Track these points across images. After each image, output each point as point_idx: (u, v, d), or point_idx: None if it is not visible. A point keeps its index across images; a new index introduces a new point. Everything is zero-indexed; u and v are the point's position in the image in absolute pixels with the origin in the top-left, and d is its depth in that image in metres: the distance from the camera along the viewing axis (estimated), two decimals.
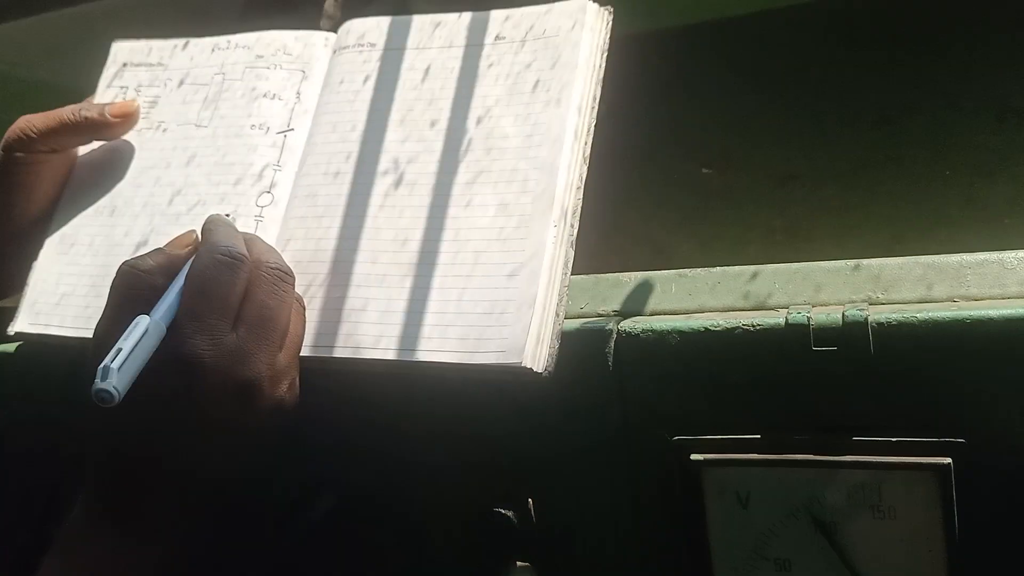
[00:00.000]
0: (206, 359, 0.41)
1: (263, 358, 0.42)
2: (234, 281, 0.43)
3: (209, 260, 0.43)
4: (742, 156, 0.59)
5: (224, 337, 0.41)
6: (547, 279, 0.43)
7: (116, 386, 0.38)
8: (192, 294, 0.42)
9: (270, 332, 0.43)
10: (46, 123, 0.54)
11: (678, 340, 0.42)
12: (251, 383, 0.41)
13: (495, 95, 0.49)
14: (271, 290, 0.43)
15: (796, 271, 0.44)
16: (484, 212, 0.46)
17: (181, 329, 0.41)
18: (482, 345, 0.43)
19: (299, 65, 0.55)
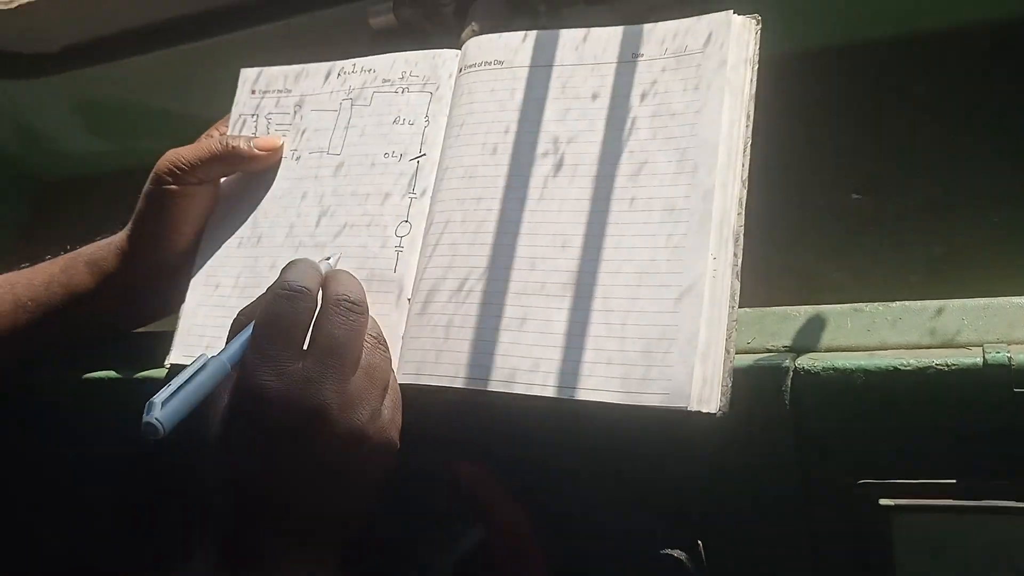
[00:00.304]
0: (271, 389, 0.41)
1: (331, 384, 0.41)
2: (296, 312, 0.43)
3: (272, 295, 0.44)
4: (894, 181, 0.56)
5: (289, 367, 0.41)
6: (711, 312, 0.41)
7: (160, 419, 0.38)
8: (258, 329, 0.43)
9: (338, 360, 0.42)
10: (195, 155, 0.55)
11: (863, 379, 0.39)
12: (319, 410, 0.41)
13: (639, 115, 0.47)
14: (338, 320, 0.43)
15: (986, 307, 0.41)
16: (649, 216, 0.44)
17: (247, 364, 0.42)
18: (645, 386, 0.41)
19: (427, 87, 0.55)
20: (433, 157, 0.52)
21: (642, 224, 0.44)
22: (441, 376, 0.46)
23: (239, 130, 0.60)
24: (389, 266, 0.51)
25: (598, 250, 0.45)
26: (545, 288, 0.45)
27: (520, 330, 0.45)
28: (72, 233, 1.01)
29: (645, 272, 0.43)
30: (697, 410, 0.39)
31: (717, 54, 0.46)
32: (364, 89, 0.56)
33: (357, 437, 0.42)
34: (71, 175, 1.05)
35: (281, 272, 0.46)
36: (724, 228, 0.43)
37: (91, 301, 0.58)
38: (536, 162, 0.48)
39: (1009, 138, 0.53)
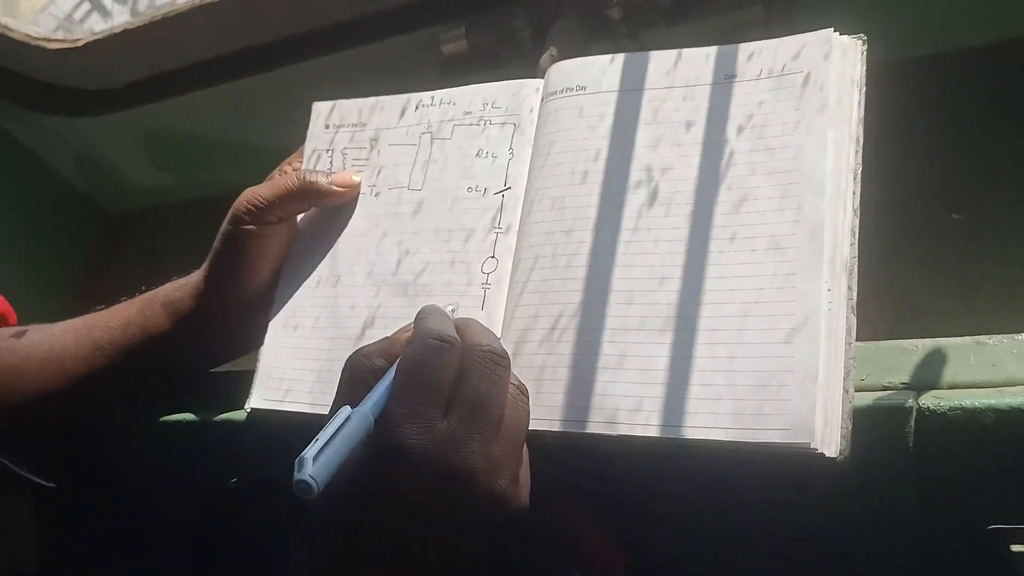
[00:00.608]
0: (416, 447, 0.39)
1: (477, 447, 0.40)
2: (445, 365, 0.41)
3: (419, 345, 0.42)
4: (994, 199, 0.54)
5: (435, 424, 0.40)
6: (829, 347, 0.39)
7: (314, 476, 0.37)
8: (402, 381, 0.41)
9: (484, 418, 0.40)
10: (273, 193, 0.55)
11: (994, 419, 0.37)
12: (464, 473, 0.39)
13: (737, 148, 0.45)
14: (484, 374, 0.41)
15: None
16: (752, 254, 0.42)
17: (390, 417, 0.40)
18: (761, 421, 0.39)
19: (510, 118, 0.54)
20: (518, 191, 0.51)
21: (746, 258, 0.43)
22: (539, 420, 0.44)
23: (314, 165, 0.59)
24: (476, 304, 0.50)
25: (699, 284, 0.43)
26: (644, 324, 0.44)
27: (619, 368, 0.43)
28: (138, 264, 1.03)
29: (752, 303, 0.42)
30: (820, 451, 0.38)
31: (821, 79, 0.44)
32: (444, 122, 0.56)
33: (497, 504, 0.40)
34: (136, 208, 1.07)
35: (418, 320, 0.45)
36: (837, 260, 0.41)
37: (168, 343, 0.57)
38: (629, 191, 0.47)
39: None
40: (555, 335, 0.46)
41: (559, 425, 0.44)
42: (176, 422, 0.58)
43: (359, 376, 0.43)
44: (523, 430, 0.42)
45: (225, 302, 0.56)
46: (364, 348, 0.44)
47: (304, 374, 0.53)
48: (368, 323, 0.53)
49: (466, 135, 0.55)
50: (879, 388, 0.41)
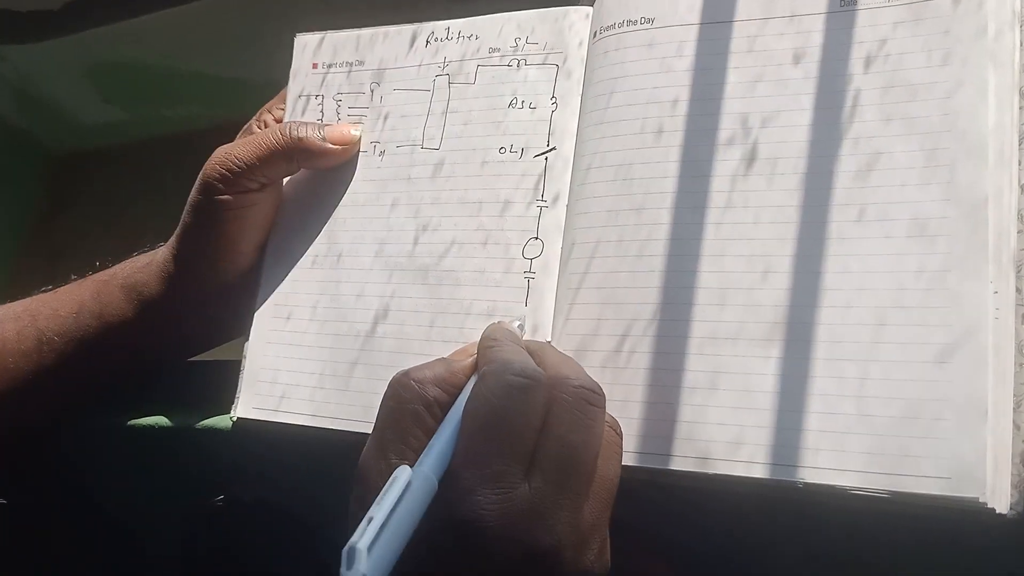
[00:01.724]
0: (490, 520, 0.30)
1: (566, 517, 0.31)
2: (530, 411, 0.31)
3: (496, 384, 0.32)
4: None
5: (515, 490, 0.30)
6: (997, 369, 0.31)
7: (368, 574, 0.27)
8: (474, 431, 0.31)
9: (575, 479, 0.31)
10: (251, 153, 0.44)
11: None
12: (550, 551, 0.30)
13: (863, 88, 0.35)
14: (576, 420, 0.32)
15: None
16: (888, 240, 0.33)
17: (458, 479, 0.31)
18: (907, 465, 0.31)
19: (552, 56, 0.43)
20: (565, 152, 0.41)
21: (879, 246, 0.33)
22: None
23: (301, 115, 0.48)
24: (518, 298, 0.40)
25: (817, 278, 0.34)
26: (743, 332, 0.34)
27: (712, 388, 0.34)
28: (93, 212, 0.91)
29: (890, 308, 0.32)
30: (992, 505, 0.29)
31: (972, 6, 0.34)
32: (465, 61, 0.45)
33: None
34: (86, 148, 0.94)
35: (486, 345, 0.35)
36: (1003, 252, 0.32)
37: (130, 333, 0.47)
38: (719, 153, 0.37)
39: None
40: (627, 347, 0.36)
41: (635, 459, 0.35)
42: (147, 427, 0.49)
43: (410, 409, 0.33)
44: (615, 483, 0.33)
45: (200, 286, 0.46)
46: (414, 371, 0.34)
47: (302, 377, 0.44)
48: (380, 315, 0.43)
49: (494, 78, 0.44)
50: None
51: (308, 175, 0.47)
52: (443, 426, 0.32)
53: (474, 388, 0.32)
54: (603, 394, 0.33)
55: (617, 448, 0.34)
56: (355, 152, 0.46)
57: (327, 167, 0.46)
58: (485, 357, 0.34)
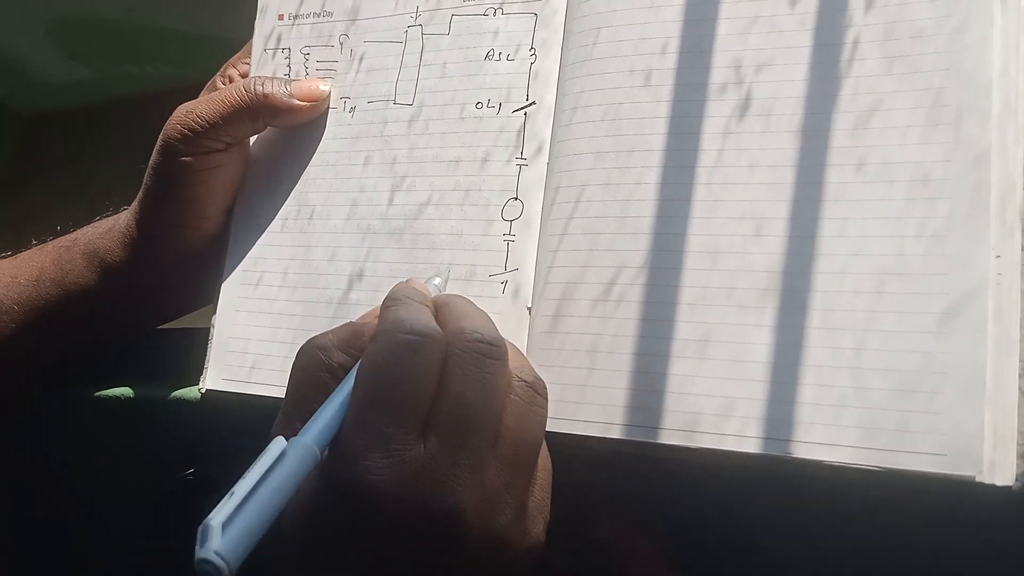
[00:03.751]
0: (383, 485, 0.28)
1: (466, 477, 0.29)
2: (420, 369, 0.30)
3: (385, 343, 0.30)
4: None
5: (408, 452, 0.29)
6: (999, 336, 0.29)
7: (222, 555, 0.25)
8: (363, 394, 0.30)
9: (472, 437, 0.29)
10: (214, 111, 0.42)
11: None
12: (451, 513, 0.29)
13: (863, 34, 0.33)
14: (470, 374, 0.30)
15: None
16: (889, 194, 0.31)
17: (348, 445, 0.29)
18: (904, 442, 0.29)
19: (530, 4, 0.40)
20: (548, 104, 0.39)
21: (879, 201, 0.31)
22: (587, 422, 0.34)
23: (267, 70, 0.45)
24: (497, 262, 0.38)
25: (812, 240, 0.32)
26: (734, 296, 0.33)
27: (701, 357, 0.33)
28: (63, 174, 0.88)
29: (889, 274, 0.31)
30: (989, 482, 0.28)
31: None
32: (438, 10, 0.42)
33: (496, 547, 0.30)
34: (53, 108, 0.91)
35: (385, 306, 0.33)
36: (1008, 211, 0.30)
37: (93, 301, 0.45)
38: (711, 98, 0.35)
39: None
40: (610, 304, 0.34)
41: (618, 431, 0.33)
42: (114, 399, 0.47)
43: (313, 377, 0.32)
44: (535, 442, 0.31)
45: (164, 253, 0.44)
46: (321, 337, 0.33)
47: (272, 347, 0.42)
48: (354, 280, 0.41)
49: (470, 28, 0.41)
50: None
51: (276, 133, 0.44)
52: (335, 393, 0.30)
53: (366, 350, 0.31)
54: (503, 346, 0.31)
55: (537, 408, 0.32)
56: (324, 108, 0.43)
57: (295, 124, 0.43)
58: (382, 317, 0.32)
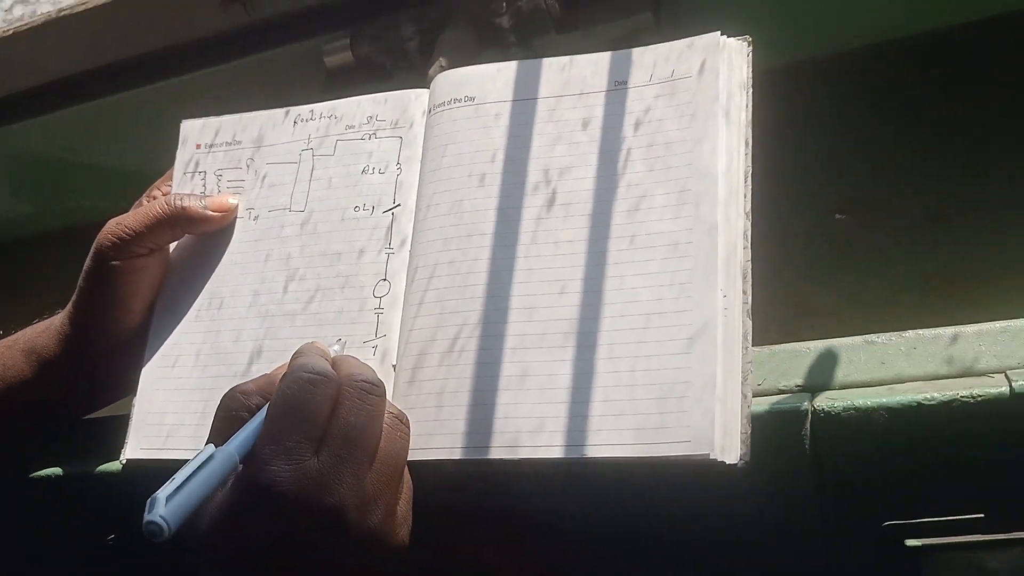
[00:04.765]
0: (285, 486, 0.37)
1: (348, 482, 0.38)
2: (317, 400, 0.39)
3: (290, 380, 0.40)
4: (876, 198, 0.55)
5: (305, 462, 0.38)
6: (726, 353, 0.39)
7: (165, 518, 0.35)
8: (272, 417, 0.39)
9: (356, 452, 0.39)
10: (140, 222, 0.51)
11: (886, 418, 0.38)
12: (333, 509, 0.38)
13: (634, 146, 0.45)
14: (356, 406, 0.39)
15: (1003, 330, 0.40)
16: (650, 261, 0.42)
17: (259, 455, 0.38)
18: (662, 435, 0.39)
19: (397, 130, 0.51)
20: (409, 206, 0.49)
21: (645, 263, 0.42)
22: (438, 448, 0.42)
23: (187, 189, 0.55)
24: (370, 331, 0.47)
25: (599, 294, 0.42)
26: (545, 339, 0.42)
27: (520, 388, 0.42)
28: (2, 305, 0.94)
29: (652, 314, 0.41)
30: (721, 460, 0.37)
31: (711, 80, 0.44)
32: (326, 137, 0.53)
33: (370, 540, 0.39)
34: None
35: (293, 357, 0.42)
36: (732, 264, 0.41)
37: (31, 392, 0.52)
38: (527, 195, 0.46)
39: (1000, 145, 0.52)
40: (454, 354, 0.44)
41: (460, 452, 0.42)
42: (46, 477, 0.53)
43: (233, 414, 0.40)
44: (400, 461, 0.41)
45: (95, 346, 0.52)
46: (241, 385, 0.42)
47: (185, 416, 0.49)
48: (255, 356, 0.49)
49: (350, 150, 0.52)
50: (775, 392, 0.41)
51: (192, 239, 0.54)
52: (254, 418, 0.40)
53: (277, 387, 0.40)
54: (383, 387, 0.41)
55: (402, 434, 0.41)
56: (233, 218, 0.53)
57: (208, 231, 0.53)
58: (291, 364, 0.42)
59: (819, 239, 0.55)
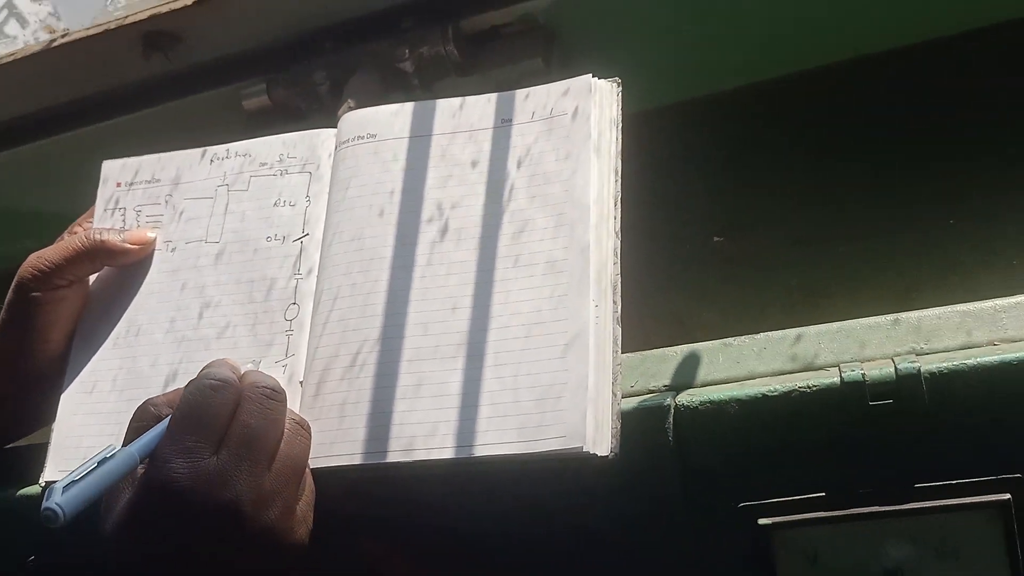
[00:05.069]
0: (182, 482, 0.40)
1: (244, 480, 0.41)
2: (218, 404, 0.42)
3: (196, 385, 0.43)
4: (750, 223, 0.61)
5: (203, 460, 0.41)
6: (597, 357, 0.44)
7: (61, 505, 0.38)
8: (176, 419, 0.42)
9: (254, 453, 0.42)
10: (60, 255, 0.53)
11: (737, 409, 0.42)
12: (230, 505, 0.40)
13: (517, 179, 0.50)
14: (256, 409, 0.43)
15: (838, 330, 0.45)
16: (532, 278, 0.46)
17: (160, 454, 0.41)
18: (542, 432, 0.43)
19: (307, 167, 0.55)
20: (317, 236, 0.53)
21: (527, 279, 0.47)
22: (340, 455, 0.46)
23: (106, 224, 0.58)
24: (280, 352, 0.50)
25: (487, 309, 0.47)
26: (438, 352, 0.46)
27: (416, 397, 0.46)
28: None
29: (533, 324, 0.45)
30: (592, 452, 0.41)
31: (583, 119, 0.49)
32: (240, 174, 0.57)
33: (267, 536, 0.41)
34: None
35: (201, 370, 0.45)
36: (603, 278, 0.46)
37: None
38: (422, 226, 0.50)
39: (851, 176, 0.59)
40: (355, 369, 0.47)
41: (360, 458, 0.45)
42: None
43: (143, 424, 0.43)
44: (300, 464, 0.44)
45: (16, 376, 0.54)
46: (153, 398, 0.45)
47: (102, 439, 0.51)
48: (171, 379, 0.52)
49: (263, 185, 0.56)
50: (645, 392, 0.46)
51: (111, 273, 0.56)
52: (159, 424, 0.43)
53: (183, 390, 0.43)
54: (284, 394, 0.44)
55: (303, 438, 0.44)
56: (151, 251, 0.56)
57: (127, 264, 0.55)
58: (199, 373, 0.45)
59: (701, 261, 0.61)
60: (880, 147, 0.59)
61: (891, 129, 0.59)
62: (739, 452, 0.43)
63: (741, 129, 0.63)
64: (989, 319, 0.43)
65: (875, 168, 0.58)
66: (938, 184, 0.57)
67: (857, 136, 0.59)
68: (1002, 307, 0.43)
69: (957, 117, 0.57)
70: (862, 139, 0.59)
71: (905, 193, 0.58)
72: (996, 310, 0.43)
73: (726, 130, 0.64)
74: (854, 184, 0.59)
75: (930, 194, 0.57)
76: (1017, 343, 0.42)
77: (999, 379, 0.40)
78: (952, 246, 0.55)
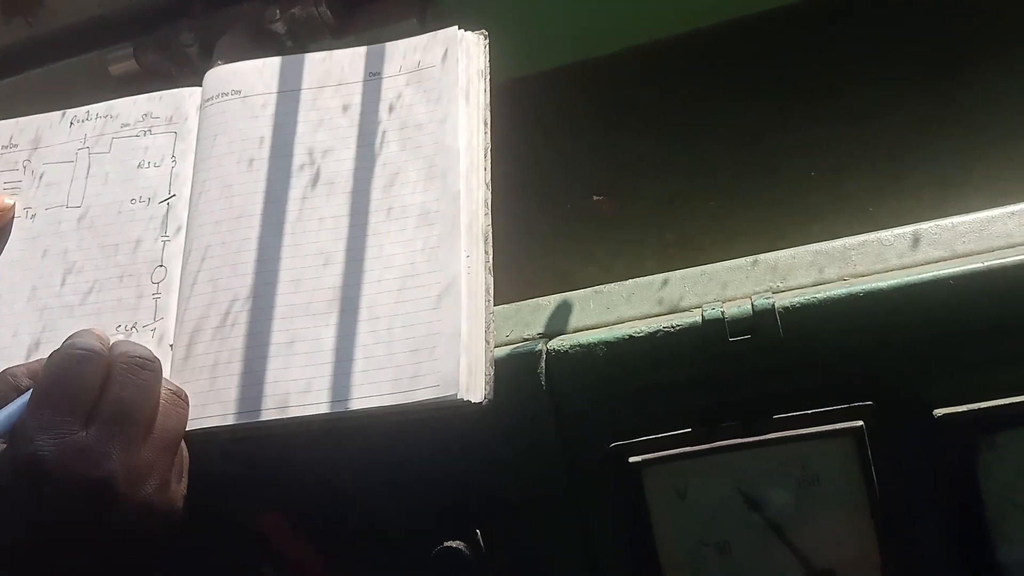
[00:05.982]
0: (49, 459, 0.38)
1: (117, 455, 0.39)
2: (85, 375, 0.40)
3: (59, 356, 0.41)
4: (628, 182, 0.63)
5: (72, 436, 0.38)
6: (470, 307, 0.44)
7: None
8: (39, 393, 0.40)
9: (126, 426, 0.40)
10: None
11: (605, 351, 0.43)
12: (101, 482, 0.38)
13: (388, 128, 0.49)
14: (127, 381, 0.40)
15: (702, 273, 0.47)
16: (405, 229, 0.46)
17: (23, 430, 0.39)
18: (417, 383, 0.43)
19: (172, 126, 0.53)
20: (184, 195, 0.51)
21: (399, 232, 0.46)
22: (212, 417, 0.45)
23: None
24: (148, 316, 0.49)
25: (360, 263, 0.46)
26: (311, 308, 0.46)
27: (289, 354, 0.45)
28: None
29: (406, 277, 0.45)
30: (466, 400, 0.41)
31: (452, 67, 0.49)
32: (102, 136, 0.54)
33: (143, 511, 0.39)
34: None
35: (65, 340, 0.43)
36: (474, 228, 0.46)
37: None
38: (294, 175, 0.49)
39: (721, 136, 0.62)
40: (226, 329, 0.46)
41: (233, 418, 0.44)
42: None
43: (2, 396, 0.41)
44: (177, 435, 0.42)
45: None
46: (11, 368, 0.42)
47: None
48: (33, 349, 0.49)
49: (126, 147, 0.54)
50: (520, 340, 0.46)
51: None
52: (21, 397, 0.40)
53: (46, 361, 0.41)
54: (158, 362, 0.42)
55: (180, 408, 0.43)
56: (10, 218, 0.53)
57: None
58: (62, 344, 0.43)
59: (581, 218, 0.62)
60: (747, 107, 0.61)
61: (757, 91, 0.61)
62: (609, 394, 0.44)
63: (618, 93, 0.65)
64: (840, 256, 0.45)
65: (743, 127, 0.61)
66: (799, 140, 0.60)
67: (727, 97, 0.62)
68: (851, 245, 0.45)
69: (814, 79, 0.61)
70: (731, 100, 0.62)
71: (769, 149, 0.60)
72: (846, 248, 0.45)
73: (603, 95, 0.65)
74: (724, 142, 0.61)
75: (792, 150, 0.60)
76: (865, 277, 0.44)
77: (848, 310, 0.42)
78: (813, 197, 0.59)
